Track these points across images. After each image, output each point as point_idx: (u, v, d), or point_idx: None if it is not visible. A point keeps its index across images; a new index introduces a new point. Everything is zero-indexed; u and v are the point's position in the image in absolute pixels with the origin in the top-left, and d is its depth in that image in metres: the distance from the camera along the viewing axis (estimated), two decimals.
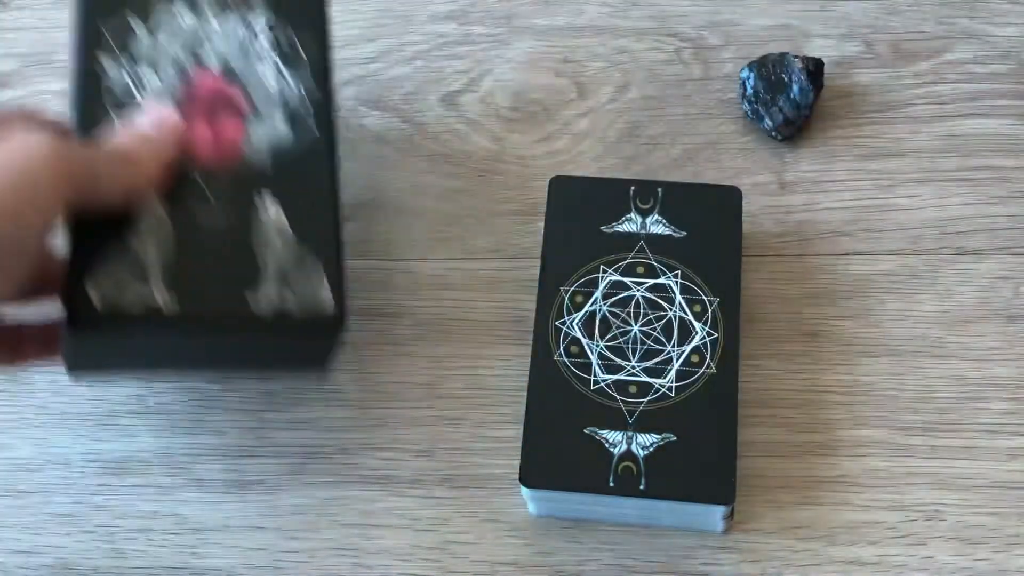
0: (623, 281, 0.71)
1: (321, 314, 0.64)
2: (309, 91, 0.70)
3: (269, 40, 0.71)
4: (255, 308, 0.64)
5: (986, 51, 0.82)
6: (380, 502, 0.71)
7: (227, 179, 0.67)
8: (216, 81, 0.69)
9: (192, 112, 0.68)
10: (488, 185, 0.80)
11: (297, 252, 0.65)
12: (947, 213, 0.77)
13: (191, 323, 0.63)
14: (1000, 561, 0.68)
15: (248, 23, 0.71)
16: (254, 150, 0.68)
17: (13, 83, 0.85)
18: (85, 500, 0.72)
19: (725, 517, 0.67)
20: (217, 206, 0.66)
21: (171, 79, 0.69)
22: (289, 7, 0.72)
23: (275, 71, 0.70)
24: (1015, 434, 0.71)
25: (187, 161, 0.66)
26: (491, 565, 0.69)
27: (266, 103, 0.69)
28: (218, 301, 0.64)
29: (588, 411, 0.67)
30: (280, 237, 0.66)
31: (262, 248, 0.65)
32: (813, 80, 0.79)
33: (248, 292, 0.64)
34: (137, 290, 0.63)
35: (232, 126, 0.68)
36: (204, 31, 0.70)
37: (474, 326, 0.75)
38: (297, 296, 0.64)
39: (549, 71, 0.83)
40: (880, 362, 0.73)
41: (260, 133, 0.68)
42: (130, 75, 0.68)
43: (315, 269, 0.65)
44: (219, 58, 0.70)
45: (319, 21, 0.72)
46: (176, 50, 0.70)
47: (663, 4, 0.85)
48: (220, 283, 0.64)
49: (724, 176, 0.79)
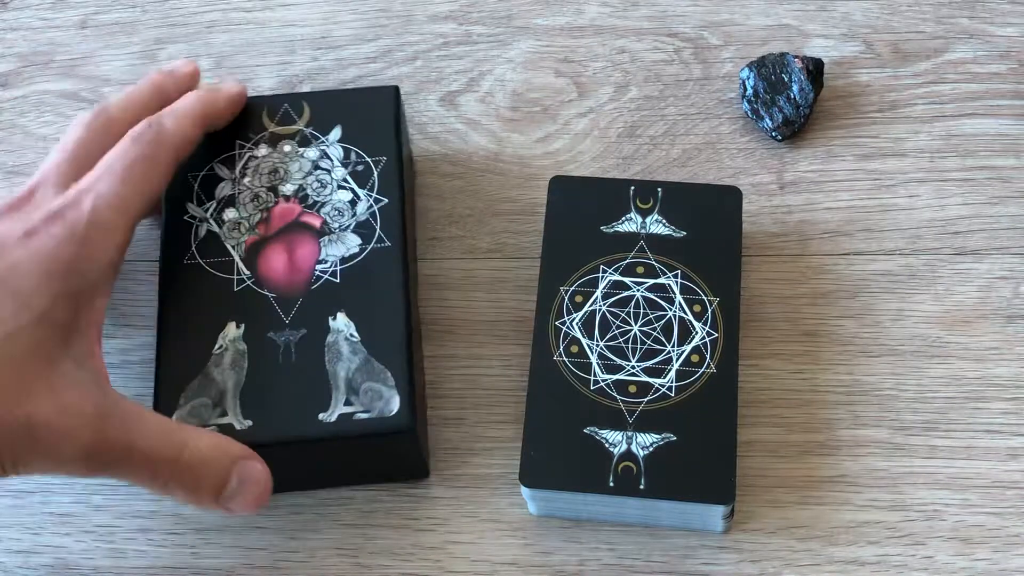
0: (623, 281, 0.71)
1: (392, 426, 0.66)
2: (380, 203, 0.71)
3: (340, 159, 0.73)
4: (326, 425, 0.66)
5: (986, 51, 0.82)
6: (380, 502, 0.71)
7: (302, 301, 0.69)
8: (292, 208, 0.72)
9: (269, 240, 0.71)
10: (488, 185, 0.80)
11: (368, 365, 0.67)
12: (947, 213, 0.77)
13: (263, 443, 0.65)
14: (1000, 561, 0.68)
15: (322, 147, 0.73)
16: (328, 270, 0.69)
17: (13, 83, 0.85)
18: (85, 500, 0.72)
19: (725, 517, 0.67)
20: (292, 329, 0.68)
21: (249, 213, 0.71)
22: (361, 121, 0.74)
23: (347, 188, 0.72)
24: (1015, 434, 0.71)
25: (264, 286, 0.69)
26: (491, 565, 0.69)
27: (339, 222, 0.71)
28: (290, 422, 0.66)
29: (588, 411, 0.67)
30: (352, 352, 0.67)
31: (334, 364, 0.67)
32: (813, 80, 0.79)
33: (320, 410, 0.66)
34: (215, 419, 0.66)
35: (307, 250, 0.70)
36: (283, 164, 0.73)
37: (474, 326, 0.75)
38: (368, 409, 0.66)
39: (549, 71, 0.83)
40: (880, 362, 0.73)
41: (333, 252, 0.70)
42: (215, 219, 0.71)
43: (385, 381, 0.66)
44: (295, 185, 0.72)
45: (388, 129, 0.74)
46: (257, 186, 0.72)
47: (663, 4, 0.85)
48: (293, 404, 0.66)
49: (724, 176, 0.79)
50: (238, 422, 0.66)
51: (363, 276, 0.69)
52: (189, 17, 0.87)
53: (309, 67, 0.84)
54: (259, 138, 0.74)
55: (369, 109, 0.75)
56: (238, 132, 0.74)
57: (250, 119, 0.75)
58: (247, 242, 0.71)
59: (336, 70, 0.84)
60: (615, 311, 0.70)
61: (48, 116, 0.83)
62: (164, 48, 0.85)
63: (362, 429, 0.66)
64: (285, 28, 0.86)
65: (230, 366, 0.67)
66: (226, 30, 0.86)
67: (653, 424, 0.67)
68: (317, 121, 0.74)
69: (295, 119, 0.74)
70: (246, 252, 0.71)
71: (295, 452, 0.66)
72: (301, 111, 0.75)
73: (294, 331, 0.68)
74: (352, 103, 0.75)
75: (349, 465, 0.69)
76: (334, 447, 0.66)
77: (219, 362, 0.67)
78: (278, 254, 0.70)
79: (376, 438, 0.66)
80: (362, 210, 0.71)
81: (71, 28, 0.87)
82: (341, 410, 0.66)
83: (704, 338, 0.69)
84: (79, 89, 0.84)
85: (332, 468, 0.69)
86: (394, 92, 0.75)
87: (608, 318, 0.70)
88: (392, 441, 0.66)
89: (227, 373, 0.67)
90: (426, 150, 0.81)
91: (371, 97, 0.75)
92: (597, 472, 0.66)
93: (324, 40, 0.85)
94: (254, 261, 0.70)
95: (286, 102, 0.75)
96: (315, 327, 0.68)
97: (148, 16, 0.87)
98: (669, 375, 0.68)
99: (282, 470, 0.67)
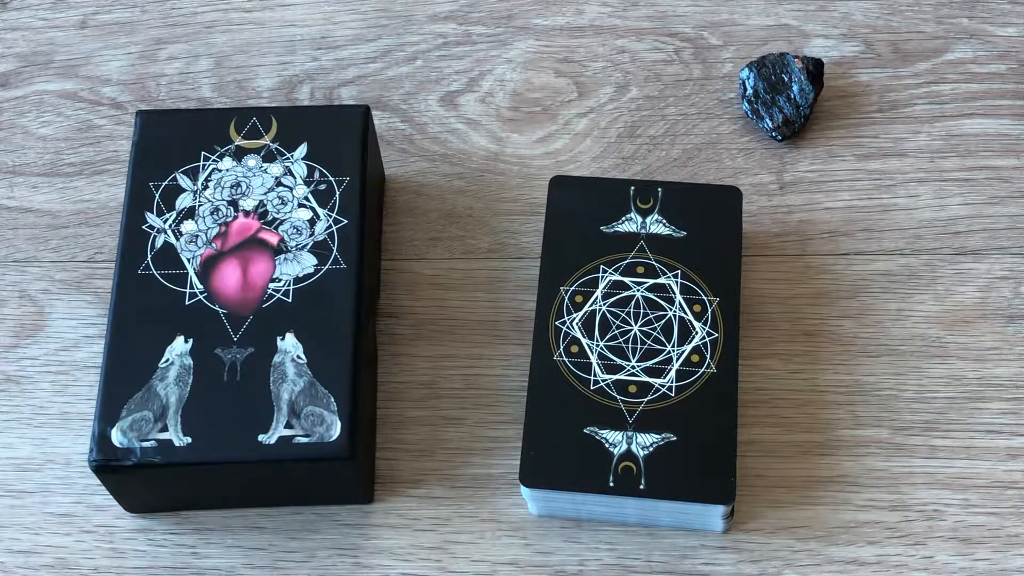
0: (623, 281, 0.71)
1: (331, 452, 0.66)
2: (339, 224, 0.71)
3: (304, 176, 0.72)
4: (265, 447, 0.66)
5: (986, 51, 0.82)
6: (380, 502, 0.71)
7: (252, 319, 0.69)
8: (250, 224, 0.71)
9: (224, 255, 0.70)
10: (488, 185, 0.80)
11: (312, 389, 0.67)
12: (946, 213, 0.77)
13: (201, 462, 0.66)
14: (1000, 561, 0.68)
15: (287, 163, 0.73)
16: (281, 289, 0.69)
17: (13, 83, 0.85)
18: (85, 500, 0.72)
19: (725, 517, 0.67)
20: (239, 347, 0.68)
21: (208, 226, 0.71)
22: (328, 139, 0.73)
23: (308, 207, 0.72)
24: (1014, 434, 0.71)
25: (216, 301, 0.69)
26: (491, 565, 0.69)
27: (296, 240, 0.71)
28: (229, 441, 0.66)
29: (588, 411, 0.67)
30: (297, 374, 0.67)
31: (278, 385, 0.67)
32: (813, 80, 0.79)
33: (260, 431, 0.66)
34: (155, 434, 0.66)
35: (262, 267, 0.70)
36: (245, 178, 0.72)
37: (474, 326, 0.75)
38: (308, 433, 0.66)
39: (549, 71, 0.83)
40: (880, 362, 0.73)
41: (288, 271, 0.70)
42: (173, 230, 0.71)
43: (328, 406, 0.66)
44: (256, 200, 0.72)
45: (354, 149, 0.73)
46: (217, 199, 0.72)
47: (663, 4, 0.85)
48: (234, 423, 0.66)
49: (724, 176, 0.79)
50: (178, 439, 0.66)
51: (316, 298, 0.69)
52: (189, 17, 0.87)
53: (309, 67, 0.84)
54: (224, 150, 0.73)
55: (337, 128, 0.74)
56: (203, 143, 0.74)
57: (217, 131, 0.74)
58: (203, 256, 0.70)
59: (336, 70, 0.84)
60: (615, 311, 0.70)
61: (48, 116, 0.83)
62: (164, 48, 0.85)
63: (300, 453, 0.65)
64: (285, 28, 0.86)
65: (175, 381, 0.67)
66: (226, 30, 0.86)
67: (653, 424, 0.67)
68: (284, 137, 0.74)
69: (262, 133, 0.74)
70: (201, 266, 0.70)
71: (233, 472, 0.66)
72: (269, 126, 0.74)
73: (241, 349, 0.68)
74: (321, 121, 0.74)
75: (288, 487, 0.69)
76: (272, 469, 0.66)
77: (164, 376, 0.67)
78: (232, 270, 0.70)
79: (314, 463, 0.66)
80: (320, 230, 0.71)
81: (71, 28, 0.87)
82: (281, 432, 0.66)
83: (704, 338, 0.69)
84: (79, 89, 0.84)
85: (271, 489, 0.69)
86: (364, 112, 0.74)
87: (608, 318, 0.70)
88: (330, 467, 0.66)
89: (171, 388, 0.67)
90: (426, 150, 0.81)
91: (340, 115, 0.74)
92: (597, 472, 0.66)
93: (324, 40, 0.85)
94: (208, 275, 0.70)
95: (255, 115, 0.74)
96: (263, 346, 0.68)
97: (148, 16, 0.87)
98: (669, 375, 0.68)
99: (221, 488, 0.68)
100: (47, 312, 0.77)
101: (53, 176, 0.81)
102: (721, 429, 0.67)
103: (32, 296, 0.77)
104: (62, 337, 0.76)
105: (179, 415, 0.66)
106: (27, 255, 0.79)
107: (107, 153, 0.82)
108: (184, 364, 0.67)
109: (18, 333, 0.76)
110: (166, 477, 0.66)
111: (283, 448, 0.65)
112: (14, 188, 0.81)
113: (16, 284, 0.78)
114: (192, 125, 0.74)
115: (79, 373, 0.75)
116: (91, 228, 0.79)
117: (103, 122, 0.83)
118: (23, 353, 0.76)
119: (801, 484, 0.70)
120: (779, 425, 0.71)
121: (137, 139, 0.74)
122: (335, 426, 0.66)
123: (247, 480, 0.68)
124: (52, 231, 0.79)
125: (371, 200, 0.74)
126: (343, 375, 0.67)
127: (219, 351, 0.68)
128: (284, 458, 0.65)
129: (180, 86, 0.84)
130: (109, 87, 0.84)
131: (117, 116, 0.83)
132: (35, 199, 0.81)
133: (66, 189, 0.81)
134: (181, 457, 0.65)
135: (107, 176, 0.81)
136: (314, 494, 0.69)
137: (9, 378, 0.75)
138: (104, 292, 0.77)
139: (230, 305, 0.69)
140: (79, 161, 0.82)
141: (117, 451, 0.66)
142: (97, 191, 0.81)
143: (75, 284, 0.77)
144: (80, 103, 0.84)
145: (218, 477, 0.67)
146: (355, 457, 0.66)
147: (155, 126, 0.74)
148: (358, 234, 0.71)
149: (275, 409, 0.66)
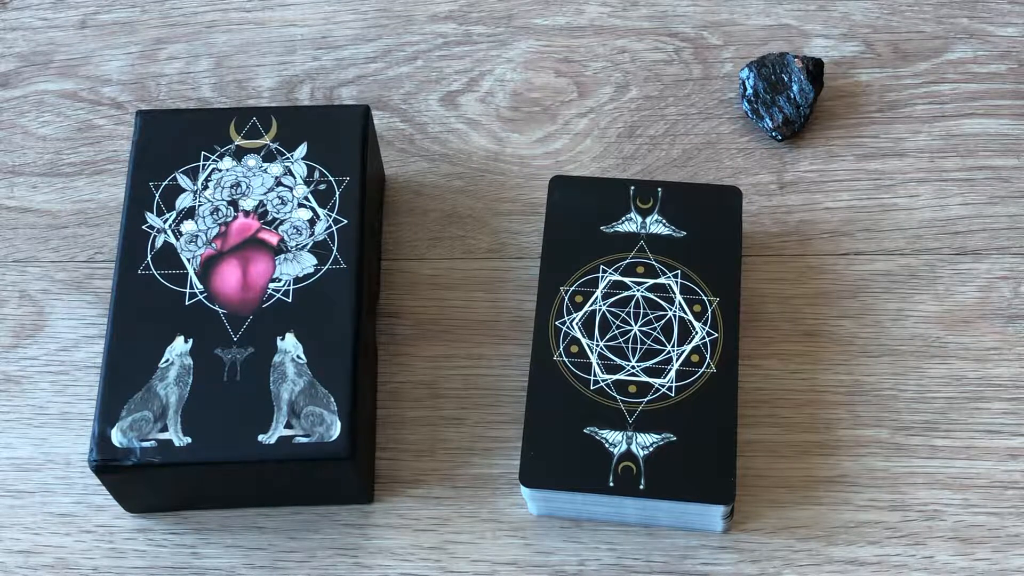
0: (623, 281, 0.71)
1: (331, 453, 0.66)
2: (339, 224, 0.71)
3: (303, 176, 0.72)
4: (265, 447, 0.66)
5: (986, 51, 0.82)
6: (380, 502, 0.71)
7: (252, 319, 0.69)
8: (250, 224, 0.71)
9: (224, 255, 0.70)
10: (488, 185, 0.80)
11: (312, 389, 0.67)
12: (947, 213, 0.77)
13: (201, 461, 0.66)
14: (1000, 561, 0.68)
15: (287, 163, 0.73)
16: (281, 289, 0.69)
17: (13, 83, 0.85)
18: (85, 500, 0.72)
19: (725, 517, 0.67)
20: (239, 347, 0.68)
21: (208, 226, 0.71)
22: (328, 139, 0.73)
23: (308, 207, 0.72)
24: (1014, 434, 0.71)
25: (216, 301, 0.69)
26: (491, 565, 0.69)
27: (296, 240, 0.71)
28: (229, 442, 0.66)
29: (588, 411, 0.67)
30: (297, 374, 0.67)
31: (278, 385, 0.67)
32: (813, 80, 0.79)
33: (260, 431, 0.66)
34: (155, 434, 0.66)
35: (262, 267, 0.70)
36: (245, 178, 0.72)
37: (474, 326, 0.75)
38: (308, 433, 0.66)
39: (549, 71, 0.83)
40: (880, 362, 0.73)
41: (288, 271, 0.70)
42: (173, 230, 0.71)
43: (328, 407, 0.66)
44: (255, 200, 0.72)
45: (355, 149, 0.73)
46: (217, 199, 0.72)
47: (663, 4, 0.85)
48: (233, 423, 0.66)
49: (724, 176, 0.79)
50: (178, 439, 0.66)
51: (316, 298, 0.69)
52: (189, 17, 0.87)
53: (309, 67, 0.84)
54: (224, 150, 0.73)
55: (337, 128, 0.74)
56: (203, 143, 0.74)
57: (217, 130, 0.74)
58: (203, 256, 0.70)
59: (336, 70, 0.84)
60: (615, 311, 0.70)
61: (48, 116, 0.83)
62: (164, 48, 0.85)
63: (300, 453, 0.65)
64: (285, 28, 0.86)
65: (175, 381, 0.67)
66: (226, 30, 0.86)
67: (653, 424, 0.67)
68: (284, 137, 0.74)
69: (262, 133, 0.74)
70: (201, 266, 0.70)
71: (233, 472, 0.67)
72: (269, 125, 0.74)
73: (241, 349, 0.68)
74: (321, 121, 0.74)
75: (288, 486, 0.69)
76: (272, 469, 0.66)
77: (164, 376, 0.67)
78: (232, 270, 0.70)
79: (314, 463, 0.66)
80: (320, 230, 0.71)
81: (71, 28, 0.87)
82: (281, 432, 0.66)
83: (704, 338, 0.69)
84: (79, 89, 0.84)
85: (271, 489, 0.69)
86: (364, 112, 0.74)
87: (608, 318, 0.70)
88: (330, 467, 0.66)
89: (171, 388, 0.67)
90: (426, 150, 0.81)
91: (340, 115, 0.74)
92: (597, 472, 0.66)
93: (324, 40, 0.85)
94: (208, 275, 0.70)
95: (255, 115, 0.74)
96: (263, 346, 0.68)
97: (148, 16, 0.87)
98: (669, 375, 0.68)
99: (220, 488, 0.68)
100: (47, 312, 0.77)
101: (53, 176, 0.81)
102: (721, 429, 0.67)
103: (32, 296, 0.77)
104: (62, 337, 0.76)
105: (179, 415, 0.66)
106: (27, 255, 0.79)
107: (107, 153, 0.82)
108: (184, 364, 0.67)
109: (18, 333, 0.76)
110: (166, 477, 0.66)
111: (283, 448, 0.65)
112: (14, 188, 0.81)
113: (16, 284, 0.78)
114: (192, 125, 0.74)
115: (79, 373, 0.75)
116: (91, 228, 0.79)
117: (103, 122, 0.83)
118: (23, 353, 0.76)
119: (801, 484, 0.70)
120: (779, 425, 0.71)
121: (137, 139, 0.74)
122: (335, 426, 0.66)
123: (247, 480, 0.68)
124: (52, 231, 0.79)
125: (371, 200, 0.74)
126: (343, 375, 0.67)
127: (219, 351, 0.68)
128: (284, 458, 0.65)
129: (180, 86, 0.84)
130: (109, 87, 0.84)
131: (117, 116, 0.83)
132: (35, 199, 0.81)
133: (66, 189, 0.81)
134: (181, 457, 0.65)
135: (107, 176, 0.81)
136: (314, 494, 0.69)
137: (9, 378, 0.75)
138: (104, 292, 0.77)
139: (230, 305, 0.69)
140: (79, 161, 0.82)
141: (117, 451, 0.65)
142: (97, 191, 0.81)
143: (75, 284, 0.77)
144: (80, 103, 0.84)
145: (218, 477, 0.67)
146: (355, 457, 0.66)
147: (155, 126, 0.74)
148: (358, 234, 0.71)
149: (275, 409, 0.66)
